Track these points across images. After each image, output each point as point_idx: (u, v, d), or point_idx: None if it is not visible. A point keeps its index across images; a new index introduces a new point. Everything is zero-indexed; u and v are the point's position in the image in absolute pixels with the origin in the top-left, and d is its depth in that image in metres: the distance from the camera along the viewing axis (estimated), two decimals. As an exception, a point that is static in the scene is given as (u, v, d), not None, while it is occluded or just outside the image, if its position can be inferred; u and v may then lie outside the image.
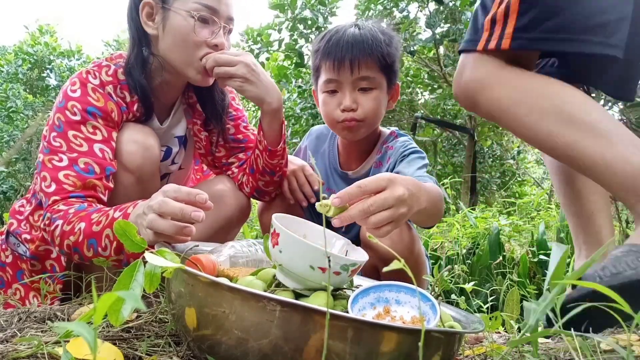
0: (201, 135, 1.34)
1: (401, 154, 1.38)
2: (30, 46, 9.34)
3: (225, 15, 1.17)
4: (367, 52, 1.28)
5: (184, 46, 1.14)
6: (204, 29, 1.14)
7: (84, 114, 1.10)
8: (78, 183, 1.05)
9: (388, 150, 1.42)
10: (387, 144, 1.44)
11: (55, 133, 1.09)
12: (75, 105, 1.10)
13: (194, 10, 1.12)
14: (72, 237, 0.98)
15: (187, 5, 1.12)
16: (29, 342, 0.70)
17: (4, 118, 9.11)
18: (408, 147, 1.39)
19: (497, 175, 8.09)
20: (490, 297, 1.51)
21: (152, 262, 0.66)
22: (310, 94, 4.81)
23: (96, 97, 1.12)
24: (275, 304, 0.60)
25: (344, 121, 1.32)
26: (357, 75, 1.29)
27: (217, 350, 0.64)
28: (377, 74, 1.32)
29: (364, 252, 0.85)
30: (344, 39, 1.30)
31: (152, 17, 1.16)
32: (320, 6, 4.95)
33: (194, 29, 1.12)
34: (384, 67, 1.33)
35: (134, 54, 1.18)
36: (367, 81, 1.31)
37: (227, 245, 0.95)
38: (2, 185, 9.25)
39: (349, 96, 1.31)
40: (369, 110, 1.32)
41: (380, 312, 0.77)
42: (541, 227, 2.81)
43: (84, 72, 1.15)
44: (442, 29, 5.07)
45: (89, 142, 1.08)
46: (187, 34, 1.13)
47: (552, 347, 0.96)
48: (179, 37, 1.14)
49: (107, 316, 0.57)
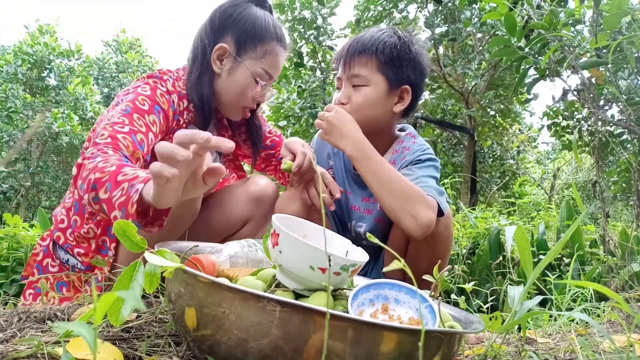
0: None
1: (417, 157, 1.38)
2: (30, 46, 9.32)
3: (275, 78, 1.39)
4: (360, 50, 1.34)
5: (239, 95, 1.35)
6: (256, 87, 1.35)
7: (152, 107, 1.22)
8: (130, 148, 1.11)
9: (404, 151, 1.43)
10: (404, 144, 1.44)
11: (121, 113, 1.16)
12: (145, 99, 1.22)
13: (258, 75, 1.33)
14: (99, 173, 0.99)
15: (255, 67, 1.33)
16: (29, 342, 0.70)
17: (4, 118, 9.11)
18: (426, 152, 1.40)
19: (497, 175, 8.09)
20: (490, 297, 1.51)
21: (152, 262, 0.66)
22: (310, 93, 4.81)
23: (163, 100, 1.26)
24: (275, 304, 0.60)
25: None
26: (349, 72, 1.36)
27: (217, 350, 0.64)
28: (371, 72, 1.34)
29: (364, 252, 0.85)
30: (354, 38, 1.40)
31: (221, 59, 1.33)
32: (320, 6, 4.94)
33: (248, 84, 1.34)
34: (384, 66, 1.33)
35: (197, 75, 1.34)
36: (358, 78, 1.35)
37: (227, 245, 0.95)
38: (2, 185, 9.26)
39: (343, 91, 1.38)
40: (357, 108, 1.34)
41: (378, 309, 0.77)
42: (541, 227, 2.82)
43: (151, 81, 1.28)
44: (441, 29, 5.07)
45: (147, 127, 1.19)
46: (246, 88, 1.34)
47: (552, 347, 0.96)
48: (239, 88, 1.34)
49: (107, 316, 0.57)
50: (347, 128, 1.28)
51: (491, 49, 3.38)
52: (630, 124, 2.01)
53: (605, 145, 2.68)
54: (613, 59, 1.81)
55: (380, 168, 1.24)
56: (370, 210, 1.47)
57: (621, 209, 6.06)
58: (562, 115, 3.62)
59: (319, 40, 4.97)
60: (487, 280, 2.59)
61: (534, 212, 5.17)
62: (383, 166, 1.24)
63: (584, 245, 2.69)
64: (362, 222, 1.48)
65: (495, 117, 6.87)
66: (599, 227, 2.86)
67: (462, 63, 5.35)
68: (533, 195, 8.62)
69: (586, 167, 7.42)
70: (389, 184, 1.22)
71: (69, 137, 9.06)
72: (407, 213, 1.18)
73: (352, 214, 1.49)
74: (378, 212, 1.44)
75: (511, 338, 1.03)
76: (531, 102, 8.88)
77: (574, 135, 1.75)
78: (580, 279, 2.36)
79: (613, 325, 1.27)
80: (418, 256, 1.31)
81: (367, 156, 1.25)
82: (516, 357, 0.86)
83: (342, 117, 1.30)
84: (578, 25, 2.10)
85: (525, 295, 0.74)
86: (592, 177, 6.20)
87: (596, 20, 1.80)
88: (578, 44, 2.02)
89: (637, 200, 2.38)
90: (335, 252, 0.80)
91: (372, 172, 1.24)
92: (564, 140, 3.72)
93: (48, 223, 2.68)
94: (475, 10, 3.65)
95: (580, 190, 5.96)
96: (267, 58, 1.34)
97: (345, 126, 1.29)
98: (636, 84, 2.19)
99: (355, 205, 1.49)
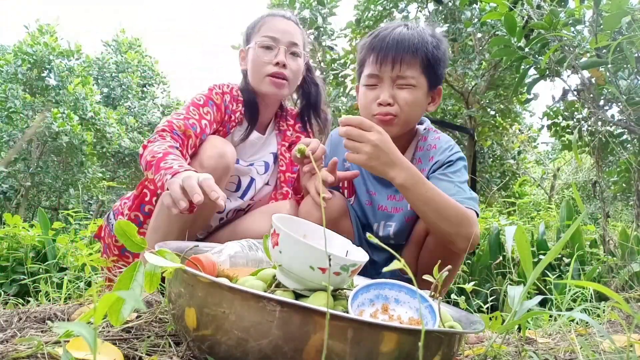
0: (286, 154, 1.66)
1: (448, 158, 1.35)
2: (30, 46, 9.31)
3: (286, 40, 1.49)
4: (411, 51, 1.29)
5: (255, 69, 1.51)
6: (268, 53, 1.49)
7: (206, 102, 1.47)
8: (182, 127, 1.36)
9: (431, 149, 1.39)
10: (428, 141, 1.41)
11: (181, 108, 1.45)
12: (202, 96, 1.48)
13: (259, 43, 1.49)
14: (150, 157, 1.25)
15: (256, 40, 1.50)
16: (29, 342, 0.70)
17: (4, 118, 9.10)
18: (454, 150, 1.38)
19: (497, 175, 8.09)
20: (490, 297, 1.51)
21: (152, 262, 0.66)
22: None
23: (217, 98, 1.50)
24: (275, 304, 0.60)
25: (379, 115, 1.32)
26: (398, 72, 1.30)
27: (217, 350, 0.64)
28: (418, 74, 1.31)
29: (364, 252, 0.85)
30: (391, 35, 1.32)
31: (244, 59, 1.57)
32: (320, 6, 4.94)
33: (257, 54, 1.49)
34: (427, 68, 1.32)
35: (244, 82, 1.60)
36: (406, 79, 1.31)
37: (227, 245, 0.95)
38: (2, 185, 9.25)
39: (387, 91, 1.31)
40: (405, 108, 1.31)
41: (378, 309, 0.77)
42: (541, 227, 2.82)
43: (212, 84, 1.54)
44: (442, 28, 5.07)
45: (200, 116, 1.43)
46: (255, 59, 1.50)
47: (552, 347, 0.96)
48: (252, 63, 1.52)
49: (107, 316, 0.57)
50: (396, 154, 1.17)
51: (491, 49, 3.38)
52: (630, 124, 2.01)
53: (605, 145, 2.68)
54: (613, 59, 1.81)
55: (432, 194, 1.18)
56: (399, 208, 1.43)
57: (621, 209, 6.06)
58: (562, 115, 3.62)
59: (319, 40, 4.97)
60: (487, 280, 2.59)
61: (534, 212, 5.17)
62: (433, 191, 1.19)
63: (584, 245, 2.69)
64: (391, 221, 1.45)
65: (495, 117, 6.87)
66: (599, 227, 2.86)
67: (463, 63, 5.35)
68: (533, 195, 8.62)
69: (586, 167, 7.42)
70: (442, 210, 1.18)
71: (68, 137, 9.05)
72: (462, 236, 1.19)
73: (378, 214, 1.46)
74: (408, 212, 1.41)
75: (511, 338, 1.03)
76: (531, 102, 8.87)
77: (574, 135, 1.75)
78: (580, 279, 2.36)
79: (613, 325, 1.27)
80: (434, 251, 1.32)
81: (419, 183, 1.17)
82: (516, 357, 0.86)
83: (387, 139, 1.17)
84: (578, 25, 2.10)
85: (525, 295, 0.74)
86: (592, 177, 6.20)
87: (596, 20, 1.80)
88: (578, 44, 2.02)
89: (637, 200, 2.38)
90: (335, 252, 0.80)
91: (425, 200, 1.17)
92: (564, 141, 3.71)
93: (48, 223, 2.67)
94: (475, 10, 3.65)
95: (580, 190, 5.96)
96: (262, 29, 1.51)
97: (394, 152, 1.17)
98: (636, 84, 2.19)
99: (382, 206, 1.45)
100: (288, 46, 1.50)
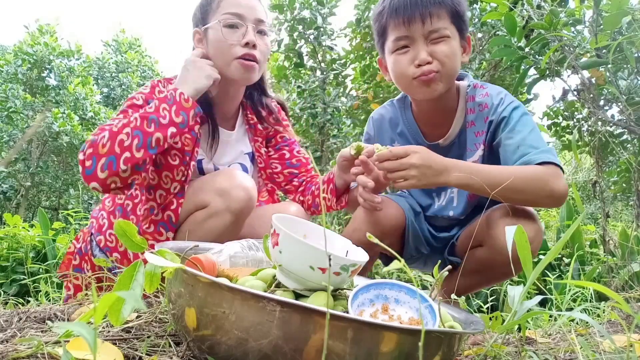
0: (262, 150, 1.54)
1: (500, 115, 1.28)
2: (30, 46, 9.31)
3: (252, 17, 1.32)
4: (437, 2, 1.24)
5: (220, 51, 1.32)
6: (234, 33, 1.31)
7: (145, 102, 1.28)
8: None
9: (483, 109, 1.33)
10: (476, 100, 1.35)
11: (117, 112, 1.29)
12: (142, 96, 1.30)
13: (222, 20, 1.30)
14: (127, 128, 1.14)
15: (217, 18, 1.32)
16: (29, 342, 0.70)
17: (4, 118, 9.10)
18: (505, 104, 1.30)
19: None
20: (490, 297, 1.50)
21: (152, 262, 0.66)
22: (310, 93, 4.80)
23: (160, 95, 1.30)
24: (275, 304, 0.60)
25: (421, 76, 1.25)
26: (430, 27, 1.24)
27: (217, 350, 0.64)
28: (448, 23, 1.26)
29: (364, 252, 0.85)
30: None
31: (201, 41, 1.37)
32: (320, 6, 4.94)
33: (223, 34, 1.30)
34: (455, 17, 1.28)
35: None
36: (439, 32, 1.25)
37: (227, 245, 0.95)
38: (2, 185, 9.25)
39: (422, 49, 1.25)
40: (446, 60, 1.25)
41: (378, 309, 0.77)
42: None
43: (155, 80, 1.36)
44: (442, 29, 5.08)
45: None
46: (219, 40, 1.31)
47: (552, 347, 0.96)
48: (216, 44, 1.32)
49: (107, 316, 0.57)
50: (438, 161, 1.15)
51: (491, 49, 3.38)
52: (630, 124, 2.01)
53: (605, 145, 2.68)
54: (613, 59, 1.81)
55: (494, 176, 1.14)
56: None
57: (621, 209, 6.06)
58: (562, 115, 3.62)
59: (319, 40, 4.96)
60: (487, 280, 2.59)
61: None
62: (492, 172, 1.15)
63: (584, 245, 2.70)
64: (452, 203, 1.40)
65: (495, 117, 6.86)
66: (599, 227, 2.86)
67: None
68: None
69: (586, 167, 7.41)
70: (511, 187, 1.12)
71: (69, 137, 9.05)
72: (543, 197, 1.14)
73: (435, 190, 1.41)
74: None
75: (511, 338, 1.03)
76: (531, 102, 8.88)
77: (574, 135, 1.75)
78: (580, 279, 2.36)
79: (613, 325, 1.27)
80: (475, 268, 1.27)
81: (474, 173, 1.14)
82: (516, 357, 0.86)
83: (424, 153, 1.15)
84: (578, 25, 2.10)
85: (525, 295, 0.74)
86: (592, 177, 6.19)
87: (596, 20, 1.80)
88: (578, 44, 2.02)
89: (637, 200, 2.38)
90: (335, 252, 0.80)
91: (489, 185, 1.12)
92: (564, 140, 3.71)
93: (48, 223, 2.67)
94: (475, 10, 3.65)
95: (580, 190, 5.96)
96: (222, 5, 1.32)
97: (436, 159, 1.15)
98: (636, 84, 2.19)
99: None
100: (255, 23, 1.33)
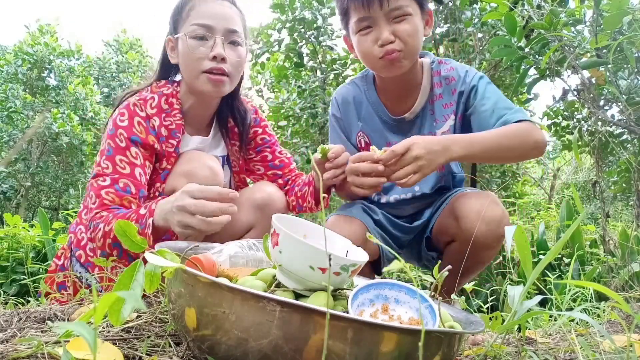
0: (238, 155, 1.52)
1: (470, 85, 1.35)
2: (30, 46, 9.31)
3: (222, 28, 1.27)
4: None
5: (188, 63, 1.28)
6: (202, 45, 1.26)
7: (129, 141, 1.25)
8: (116, 200, 1.19)
9: (450, 82, 1.38)
10: (442, 75, 1.39)
11: (104, 157, 1.24)
12: (122, 133, 1.24)
13: (189, 32, 1.26)
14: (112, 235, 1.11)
15: (186, 30, 1.27)
16: (29, 342, 0.70)
17: (4, 118, 9.09)
18: (470, 75, 1.36)
19: (497, 175, 8.09)
20: (490, 297, 1.51)
21: (152, 262, 0.66)
22: (310, 93, 4.80)
23: (140, 129, 1.27)
24: (275, 304, 0.60)
25: (385, 55, 1.26)
26: (389, 7, 1.24)
27: (217, 350, 0.64)
28: (409, 1, 1.27)
29: (364, 252, 0.85)
30: None
31: (174, 50, 1.34)
32: (320, 7, 4.94)
33: (190, 47, 1.26)
34: None
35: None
36: (401, 9, 1.25)
37: (227, 245, 0.95)
38: (2, 185, 9.25)
39: (385, 29, 1.25)
40: (408, 39, 1.26)
41: (378, 309, 0.77)
42: (541, 227, 2.82)
43: (131, 105, 1.28)
44: (442, 29, 5.07)
45: (131, 165, 1.24)
46: (188, 53, 1.27)
47: (552, 347, 0.96)
48: (184, 57, 1.29)
49: (107, 316, 0.57)
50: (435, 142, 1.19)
51: (491, 49, 3.38)
52: (630, 124, 2.01)
53: (605, 145, 2.68)
54: (613, 59, 1.81)
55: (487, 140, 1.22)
56: None
57: (621, 209, 6.06)
58: (562, 115, 3.62)
59: (319, 40, 4.96)
60: (487, 280, 2.59)
61: (534, 212, 5.17)
62: (485, 137, 1.22)
63: (584, 245, 2.70)
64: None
65: (496, 117, 6.86)
66: (599, 227, 2.86)
67: (463, 63, 5.34)
68: (533, 195, 8.61)
69: (586, 167, 7.42)
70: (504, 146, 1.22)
71: (69, 137, 9.04)
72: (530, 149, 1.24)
73: None
74: None
75: (511, 338, 1.03)
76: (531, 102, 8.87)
77: (574, 135, 1.75)
78: (580, 279, 2.36)
79: (613, 325, 1.26)
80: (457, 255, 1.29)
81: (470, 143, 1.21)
82: (516, 357, 0.86)
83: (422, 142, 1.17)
84: (578, 25, 2.10)
85: (525, 295, 0.74)
86: (592, 177, 6.19)
87: (596, 20, 1.80)
88: (578, 44, 2.02)
89: (637, 200, 2.38)
90: (336, 252, 0.80)
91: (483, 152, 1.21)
92: (564, 140, 3.71)
93: (48, 223, 2.67)
94: (475, 10, 3.64)
95: (580, 190, 5.96)
96: (191, 14, 1.27)
97: (432, 141, 1.18)
98: (636, 84, 2.19)
99: None
100: (225, 35, 1.27)
